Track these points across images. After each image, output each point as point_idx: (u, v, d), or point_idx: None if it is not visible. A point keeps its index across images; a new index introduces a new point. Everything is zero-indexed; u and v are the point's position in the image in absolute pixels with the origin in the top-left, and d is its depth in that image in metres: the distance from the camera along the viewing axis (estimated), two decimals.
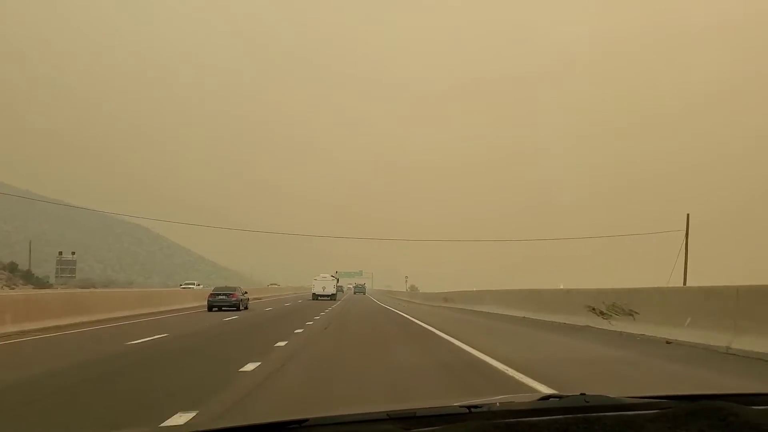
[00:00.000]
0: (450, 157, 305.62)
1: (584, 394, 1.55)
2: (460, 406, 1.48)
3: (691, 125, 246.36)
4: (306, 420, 1.39)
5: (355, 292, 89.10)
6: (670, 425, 1.26)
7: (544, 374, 6.86)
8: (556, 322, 15.02)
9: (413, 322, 18.87)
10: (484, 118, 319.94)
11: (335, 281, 52.94)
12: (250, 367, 7.53)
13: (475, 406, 1.47)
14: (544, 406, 1.52)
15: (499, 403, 1.52)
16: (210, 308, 26.18)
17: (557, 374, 7.24)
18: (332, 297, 48.26)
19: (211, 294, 27.60)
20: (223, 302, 26.54)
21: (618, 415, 1.35)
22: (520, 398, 1.67)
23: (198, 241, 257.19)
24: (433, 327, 15.56)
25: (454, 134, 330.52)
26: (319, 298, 46.78)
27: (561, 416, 1.34)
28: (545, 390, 5.44)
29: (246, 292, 29.47)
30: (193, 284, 60.57)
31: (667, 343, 9.97)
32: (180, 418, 4.66)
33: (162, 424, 4.37)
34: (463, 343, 10.88)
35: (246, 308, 27.56)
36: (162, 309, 23.76)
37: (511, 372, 7.17)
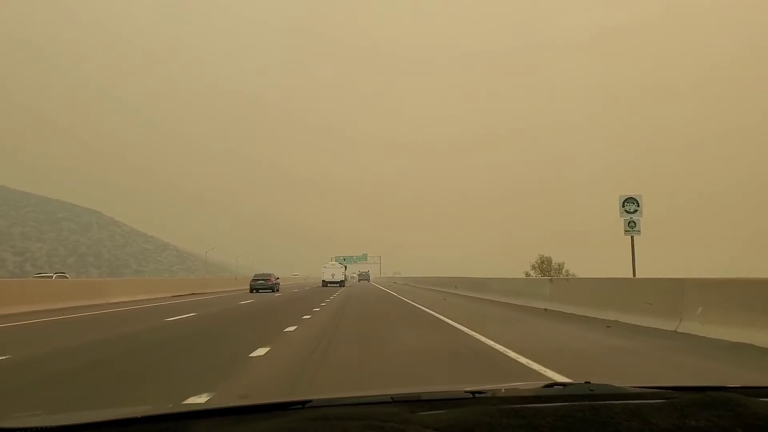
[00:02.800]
0: (467, 131, 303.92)
1: (589, 383, 1.69)
2: (465, 392, 1.61)
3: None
4: (309, 401, 1.52)
5: (359, 280, 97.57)
6: (678, 415, 1.34)
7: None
8: None
9: None
10: (497, 90, 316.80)
11: (344, 268, 61.37)
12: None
13: (480, 392, 1.61)
14: (549, 393, 1.67)
15: (504, 389, 1.70)
16: (251, 290, 35.44)
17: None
18: (341, 283, 55.94)
19: (252, 279, 37.92)
20: (261, 285, 36.33)
21: (625, 404, 1.43)
22: (525, 385, 1.83)
23: (163, 226, 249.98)
24: None
25: (468, 108, 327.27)
26: (329, 284, 53.70)
27: (566, 403, 1.44)
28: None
29: (278, 278, 39.69)
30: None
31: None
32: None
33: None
34: None
35: (278, 291, 36.03)
36: None
37: None
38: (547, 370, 6.37)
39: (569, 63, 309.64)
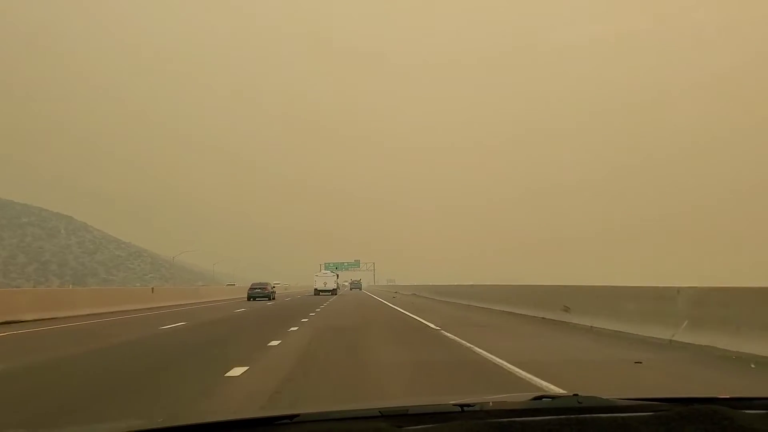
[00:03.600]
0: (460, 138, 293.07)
1: (577, 395, 1.65)
2: (453, 405, 1.58)
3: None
4: (297, 415, 1.49)
5: (351, 288, 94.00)
6: (665, 428, 1.35)
7: None
8: None
9: None
10: (498, 95, 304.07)
11: (335, 277, 62.92)
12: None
13: (468, 405, 1.58)
14: (537, 407, 1.62)
15: (492, 402, 1.65)
16: (249, 298, 38.76)
17: None
18: (333, 292, 56.42)
19: (250, 288, 41.57)
20: (258, 294, 39.93)
21: (612, 417, 1.44)
22: (513, 398, 1.79)
23: (142, 233, 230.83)
24: None
25: (465, 115, 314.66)
26: (321, 293, 54.44)
27: (554, 416, 1.44)
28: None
29: (274, 287, 46.08)
30: None
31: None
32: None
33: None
34: None
35: (274, 299, 39.80)
36: None
37: None
38: None
39: (566, 70, 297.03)
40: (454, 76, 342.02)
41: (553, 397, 1.69)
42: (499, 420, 1.40)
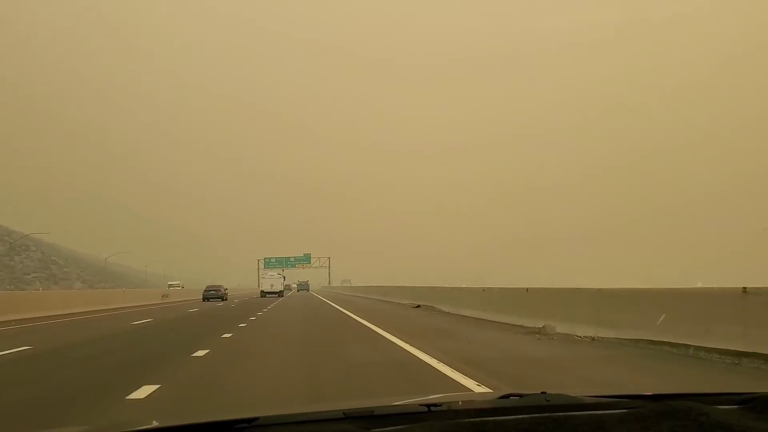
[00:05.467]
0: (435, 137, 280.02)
1: (545, 393, 1.63)
2: (420, 405, 1.58)
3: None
4: (256, 419, 1.46)
5: (299, 290, 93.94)
6: (641, 426, 1.33)
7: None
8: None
9: None
10: (473, 95, 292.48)
11: (282, 279, 68.32)
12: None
13: (435, 405, 1.57)
14: (506, 405, 1.62)
15: (461, 401, 1.65)
16: (204, 299, 45.37)
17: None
18: (280, 294, 60.29)
19: (205, 290, 47.80)
20: (212, 295, 46.34)
21: (587, 415, 1.42)
22: (480, 397, 1.94)
23: (43, 223, 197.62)
24: None
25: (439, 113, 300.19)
26: (267, 295, 57.64)
27: (526, 415, 1.43)
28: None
29: (227, 289, 50.22)
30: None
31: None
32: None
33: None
34: None
35: (226, 299, 45.67)
36: None
37: None
38: None
39: (552, 66, 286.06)
40: (432, 76, 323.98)
41: (521, 395, 1.65)
42: (471, 420, 1.39)
